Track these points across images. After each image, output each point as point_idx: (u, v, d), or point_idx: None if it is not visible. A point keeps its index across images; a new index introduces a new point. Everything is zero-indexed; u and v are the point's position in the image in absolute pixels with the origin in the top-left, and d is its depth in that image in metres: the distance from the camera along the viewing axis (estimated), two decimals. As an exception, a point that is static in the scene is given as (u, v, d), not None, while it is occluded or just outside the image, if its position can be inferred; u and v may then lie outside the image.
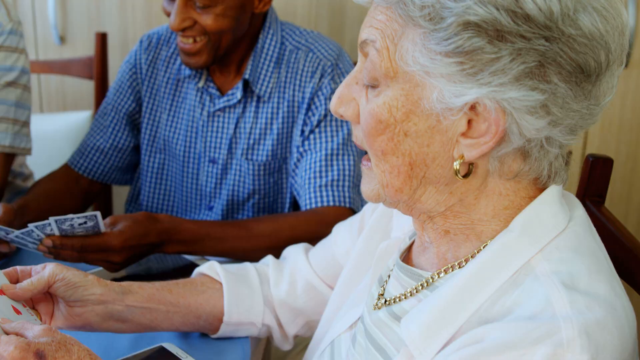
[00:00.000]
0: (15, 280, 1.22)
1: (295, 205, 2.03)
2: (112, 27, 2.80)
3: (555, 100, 0.88)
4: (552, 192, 0.97)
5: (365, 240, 1.28)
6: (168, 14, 1.84)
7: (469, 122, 0.91)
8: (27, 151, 1.98)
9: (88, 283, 1.26)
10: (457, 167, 0.93)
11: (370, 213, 1.33)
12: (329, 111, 1.90)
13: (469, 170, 0.94)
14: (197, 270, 1.46)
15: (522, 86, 0.87)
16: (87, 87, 2.82)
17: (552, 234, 0.94)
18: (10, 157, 1.95)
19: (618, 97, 2.44)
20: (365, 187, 1.03)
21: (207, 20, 1.80)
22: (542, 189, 0.98)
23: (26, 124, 1.97)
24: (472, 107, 0.90)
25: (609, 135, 2.49)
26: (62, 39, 2.85)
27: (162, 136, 2.04)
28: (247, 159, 1.96)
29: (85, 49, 2.83)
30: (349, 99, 1.01)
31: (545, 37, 0.85)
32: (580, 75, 0.88)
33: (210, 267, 1.44)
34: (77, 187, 2.06)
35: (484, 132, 0.90)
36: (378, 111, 0.94)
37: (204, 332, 1.43)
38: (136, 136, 2.09)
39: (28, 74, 1.98)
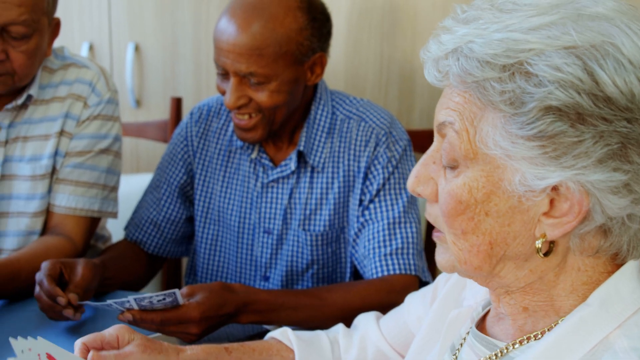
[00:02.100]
0: (99, 346, 1.27)
1: (355, 274, 2.02)
2: (186, 91, 2.87)
3: (637, 179, 0.88)
4: (631, 266, 0.95)
5: (438, 309, 1.26)
6: (222, 92, 1.86)
7: (551, 201, 0.90)
8: (114, 215, 2.07)
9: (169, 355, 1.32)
10: (539, 246, 0.92)
11: (444, 282, 1.31)
12: (387, 180, 1.90)
13: (549, 248, 0.93)
14: (269, 335, 1.46)
15: (605, 168, 0.86)
16: (161, 149, 2.88)
17: (631, 310, 0.92)
18: (96, 221, 2.03)
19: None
20: (440, 258, 1.02)
21: (262, 96, 1.80)
22: (620, 264, 0.96)
23: (115, 188, 2.06)
24: (555, 188, 0.88)
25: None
26: (138, 103, 2.92)
27: (216, 207, 2.04)
28: (304, 229, 1.95)
29: (159, 112, 2.90)
30: (427, 178, 1.00)
31: (627, 119, 0.85)
32: None
33: (282, 333, 1.45)
34: (142, 254, 2.08)
35: (566, 212, 0.89)
36: (458, 192, 0.94)
37: None
38: (189, 208, 2.09)
39: (120, 140, 2.06)
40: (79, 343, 1.27)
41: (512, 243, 0.93)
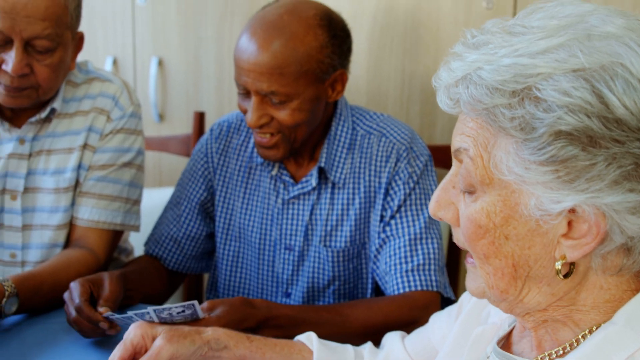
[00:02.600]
0: (132, 355, 1.32)
1: (376, 290, 2.02)
2: (209, 106, 2.88)
3: None
4: None
5: (462, 325, 1.27)
6: (244, 111, 1.86)
7: (569, 223, 0.90)
8: (136, 228, 2.08)
9: (196, 347, 1.35)
10: (559, 268, 0.92)
11: (469, 298, 1.31)
12: (408, 196, 1.89)
13: (570, 269, 0.93)
14: (295, 337, 1.48)
15: (620, 189, 0.85)
16: (183, 163, 2.89)
17: None
18: (119, 234, 2.04)
19: None
20: (471, 284, 1.03)
21: (283, 115, 1.81)
22: None
23: (137, 202, 2.07)
24: (572, 210, 0.88)
25: None
26: (161, 117, 2.94)
27: (237, 224, 2.04)
28: (325, 245, 1.94)
29: (182, 127, 2.91)
30: (448, 203, 1.01)
31: None
32: None
33: (307, 336, 1.47)
34: (162, 269, 2.09)
35: (585, 233, 0.89)
36: (477, 216, 0.95)
37: None
38: (209, 224, 2.09)
39: (143, 154, 2.07)
40: None
41: (534, 265, 0.94)
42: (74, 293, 1.64)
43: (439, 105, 0.99)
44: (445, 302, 1.89)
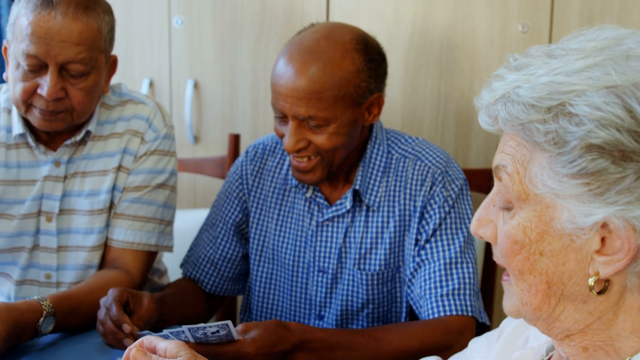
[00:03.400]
0: None
1: (411, 314, 2.00)
2: (244, 128, 2.89)
3: None
4: None
5: (501, 349, 1.27)
6: (281, 135, 1.86)
7: (603, 240, 0.91)
8: (170, 249, 2.09)
9: None
10: (592, 284, 0.93)
11: (509, 322, 1.31)
12: (444, 220, 1.88)
13: (604, 287, 0.93)
14: None
15: None
16: (218, 185, 2.90)
17: None
18: (153, 255, 2.05)
19: None
20: (507, 303, 1.03)
21: (321, 139, 1.81)
22: None
23: (170, 222, 2.09)
24: (604, 225, 0.89)
25: None
26: (196, 139, 2.96)
27: (271, 246, 2.04)
28: (359, 269, 1.93)
29: (217, 148, 2.93)
30: (488, 221, 1.04)
31: None
32: None
33: None
34: (200, 292, 2.10)
35: (618, 249, 0.90)
36: (513, 232, 0.97)
37: None
38: (244, 245, 2.09)
39: (176, 175, 2.09)
40: None
41: (568, 282, 0.94)
42: (110, 295, 1.66)
43: (480, 124, 1.03)
44: (480, 327, 1.87)
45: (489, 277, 2.47)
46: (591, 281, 0.92)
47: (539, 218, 0.94)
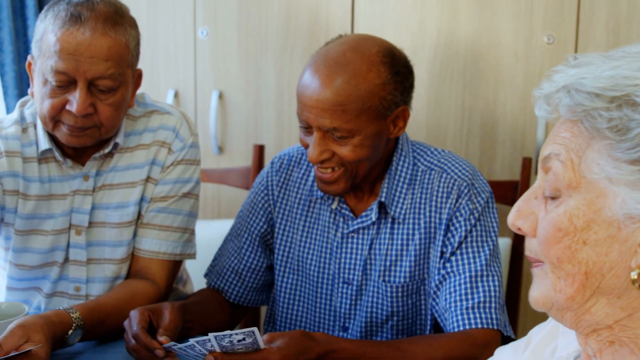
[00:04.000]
0: None
1: (435, 327, 2.00)
2: (268, 139, 2.90)
3: None
4: None
5: (529, 357, 1.26)
6: (306, 146, 1.87)
7: None
8: (193, 256, 2.11)
9: None
10: (635, 277, 0.93)
11: (537, 331, 1.31)
12: (469, 232, 1.88)
13: None
14: None
15: None
16: (242, 196, 2.91)
17: None
18: (178, 264, 2.06)
19: None
20: (534, 291, 1.03)
21: (345, 151, 1.81)
22: None
23: (193, 231, 2.10)
24: None
25: None
26: (221, 149, 2.97)
27: (296, 257, 2.04)
28: (384, 280, 1.93)
29: (241, 159, 2.94)
30: (528, 213, 1.04)
31: None
32: None
33: None
34: (225, 302, 2.10)
35: None
36: (558, 219, 0.97)
37: None
38: (269, 256, 2.10)
39: (200, 183, 2.10)
40: None
41: (608, 274, 0.94)
42: (133, 321, 1.67)
43: (536, 114, 1.04)
44: (505, 340, 1.86)
45: (514, 290, 2.46)
46: (634, 274, 0.93)
47: (588, 206, 0.95)
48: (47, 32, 1.82)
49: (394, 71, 1.81)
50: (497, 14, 2.58)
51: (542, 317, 2.73)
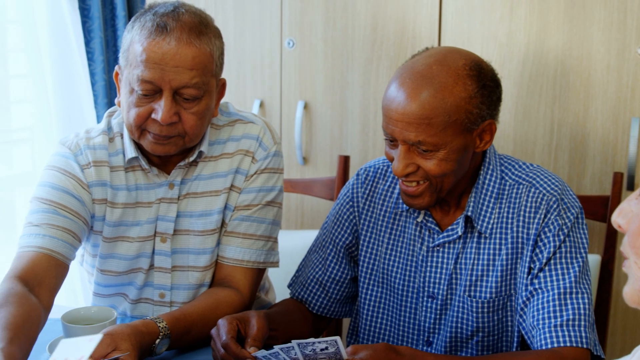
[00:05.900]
0: None
1: (522, 344, 1.96)
2: (353, 150, 2.90)
3: None
4: None
5: None
6: (391, 159, 1.85)
7: None
8: (276, 264, 2.13)
9: None
10: None
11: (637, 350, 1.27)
12: (558, 248, 1.84)
13: None
14: None
15: None
16: (325, 207, 2.92)
17: None
18: (262, 272, 2.09)
19: None
20: (626, 287, 1.04)
21: (430, 164, 1.79)
22: None
23: (277, 239, 2.12)
24: None
25: None
26: (305, 160, 2.98)
27: (381, 269, 2.03)
28: (469, 295, 1.91)
29: (326, 170, 2.95)
30: (628, 211, 1.07)
31: None
32: None
33: None
34: (308, 313, 2.11)
35: None
36: None
37: None
38: (353, 268, 2.09)
39: (282, 192, 2.12)
40: None
41: None
42: (222, 330, 1.69)
43: None
44: (595, 360, 1.82)
45: (603, 309, 2.40)
46: None
47: None
48: (134, 42, 1.86)
49: (481, 84, 1.78)
50: (587, 26, 2.53)
51: (632, 336, 2.65)
